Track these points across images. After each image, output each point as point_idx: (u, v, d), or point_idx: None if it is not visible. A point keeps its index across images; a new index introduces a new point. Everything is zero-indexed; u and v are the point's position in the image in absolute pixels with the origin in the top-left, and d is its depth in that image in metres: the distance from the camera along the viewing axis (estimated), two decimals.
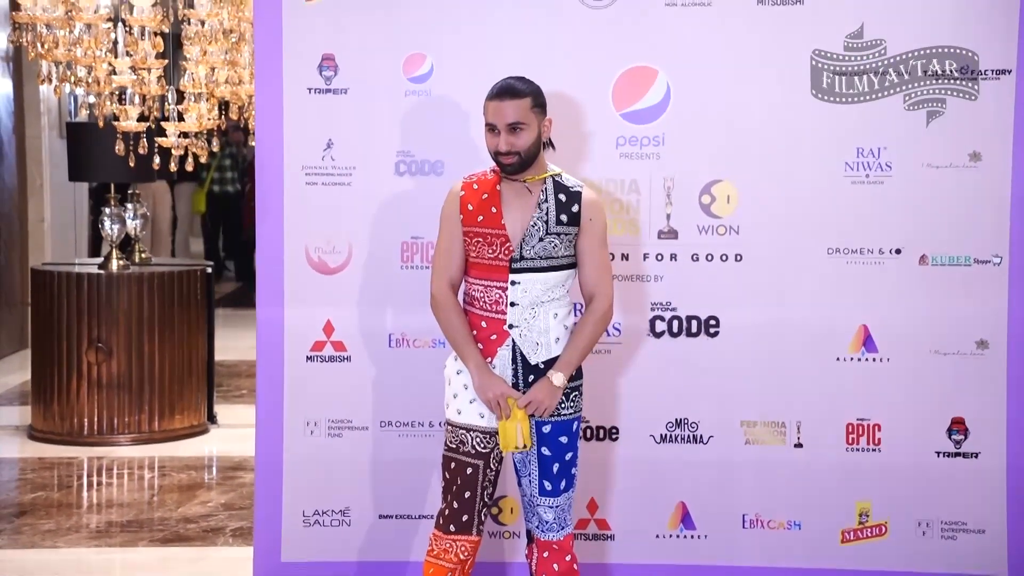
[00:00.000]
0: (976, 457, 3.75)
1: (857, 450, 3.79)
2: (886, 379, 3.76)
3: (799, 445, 3.79)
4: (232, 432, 5.72)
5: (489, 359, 3.00)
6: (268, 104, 3.74)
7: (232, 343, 7.41)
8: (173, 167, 5.56)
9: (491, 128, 2.97)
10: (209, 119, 5.44)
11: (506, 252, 2.98)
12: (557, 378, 3.01)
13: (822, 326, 3.77)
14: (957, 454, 3.76)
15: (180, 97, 5.43)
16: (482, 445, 3.00)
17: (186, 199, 10.40)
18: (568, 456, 3.07)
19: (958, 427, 3.75)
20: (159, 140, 5.50)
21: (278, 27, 3.70)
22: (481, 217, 3.01)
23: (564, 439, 3.05)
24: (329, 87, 3.74)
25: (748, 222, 3.77)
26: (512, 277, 2.98)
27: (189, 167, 5.63)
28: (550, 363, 3.03)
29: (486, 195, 3.03)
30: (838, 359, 3.78)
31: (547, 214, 3.00)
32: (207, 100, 5.44)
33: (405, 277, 3.79)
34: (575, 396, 3.07)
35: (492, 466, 3.04)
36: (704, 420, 3.82)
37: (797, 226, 3.76)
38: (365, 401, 3.79)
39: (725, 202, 3.77)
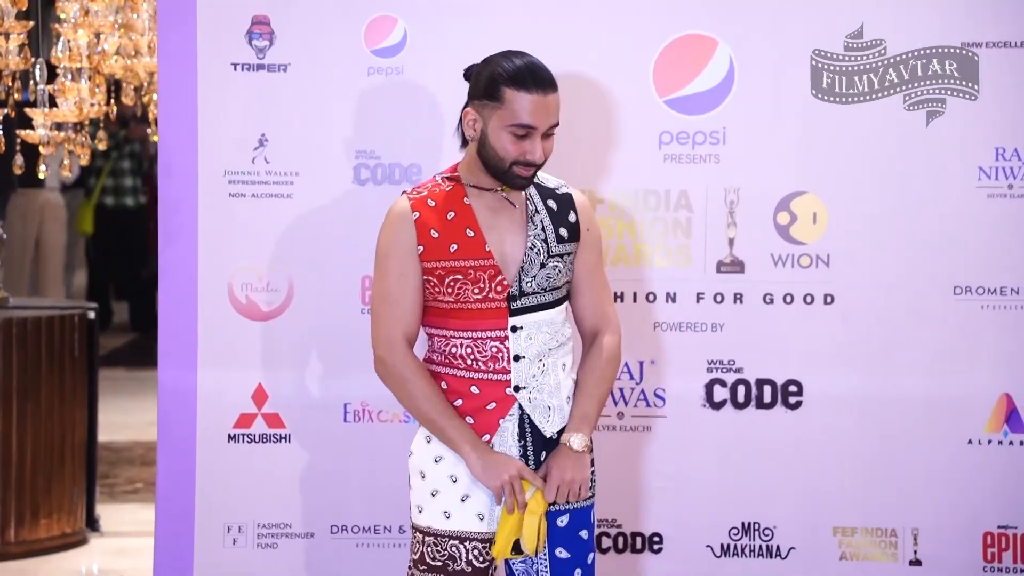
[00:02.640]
0: None
1: (1000, 570, 3.86)
2: None
3: (916, 562, 3.87)
4: (120, 543, 5.75)
5: (486, 437, 3.05)
6: (175, 85, 3.84)
7: (122, 418, 7.45)
8: (43, 172, 5.66)
9: (523, 132, 2.98)
10: (93, 105, 5.55)
11: (499, 289, 3.04)
12: (578, 440, 3.03)
13: (948, 396, 3.86)
14: None
15: (52, 74, 5.54)
16: (480, 559, 3.04)
17: (67, 214, 10.46)
18: (591, 558, 3.10)
19: None
20: (22, 134, 5.60)
21: None
22: (455, 246, 3.04)
23: (584, 534, 3.09)
24: (262, 62, 3.86)
25: (842, 250, 3.87)
26: (513, 321, 3.05)
27: (67, 171, 5.71)
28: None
29: (452, 213, 3.06)
30: (971, 442, 3.87)
31: (544, 230, 3.07)
32: (91, 79, 5.55)
33: (367, 325, 3.83)
34: (592, 473, 3.10)
35: None
36: (783, 526, 3.90)
37: (911, 256, 3.86)
38: (310, 498, 3.87)
39: (810, 222, 3.87)
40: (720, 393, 3.89)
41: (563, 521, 3.06)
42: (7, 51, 5.37)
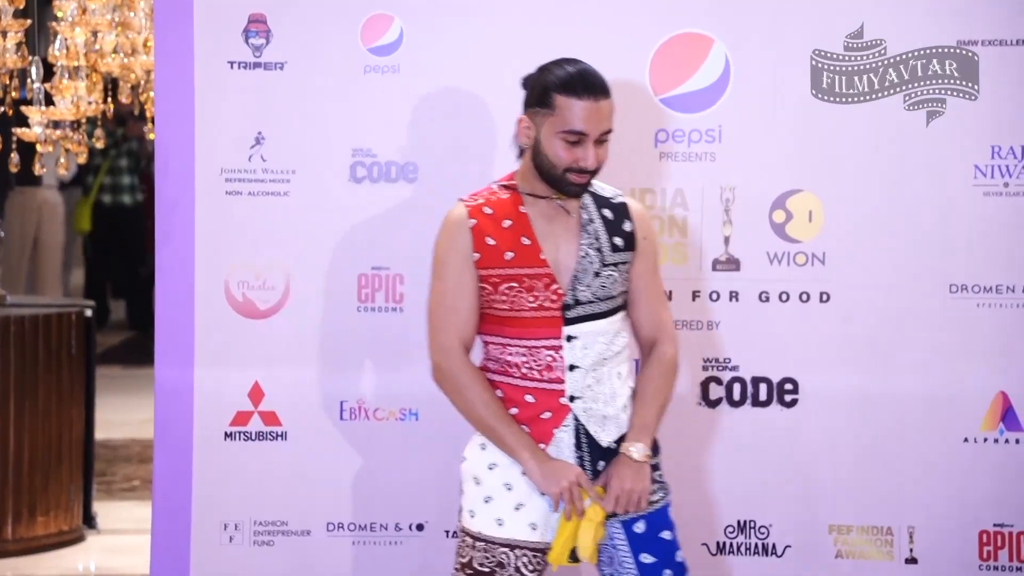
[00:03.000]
0: None
1: (995, 568, 3.87)
2: None
3: (912, 560, 3.87)
4: (117, 541, 5.76)
5: (541, 446, 3.03)
6: (172, 83, 3.83)
7: (120, 415, 7.46)
8: (39, 169, 5.65)
9: (574, 138, 2.99)
10: (90, 103, 5.54)
11: (553, 298, 3.03)
12: (638, 450, 3.02)
13: (944, 394, 3.86)
14: None
15: (49, 72, 5.53)
16: (529, 567, 3.04)
17: (65, 212, 10.50)
18: (679, 557, 3.08)
19: None
20: (19, 132, 5.59)
21: None
22: (510, 254, 3.04)
23: (667, 535, 3.07)
24: (259, 60, 3.85)
25: (838, 248, 3.86)
26: (567, 331, 3.04)
27: (62, 169, 5.72)
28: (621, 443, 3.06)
29: (508, 221, 3.06)
30: (967, 440, 3.87)
31: (598, 239, 3.07)
32: (88, 77, 5.55)
33: (363, 323, 3.87)
34: (660, 475, 3.10)
35: None
36: (779, 524, 3.89)
37: (907, 254, 3.85)
38: (307, 495, 3.86)
39: (806, 220, 3.86)
40: (716, 391, 3.88)
41: (640, 527, 3.05)
42: (4, 49, 5.37)
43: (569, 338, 3.03)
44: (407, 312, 3.85)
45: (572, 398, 3.04)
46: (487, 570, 3.03)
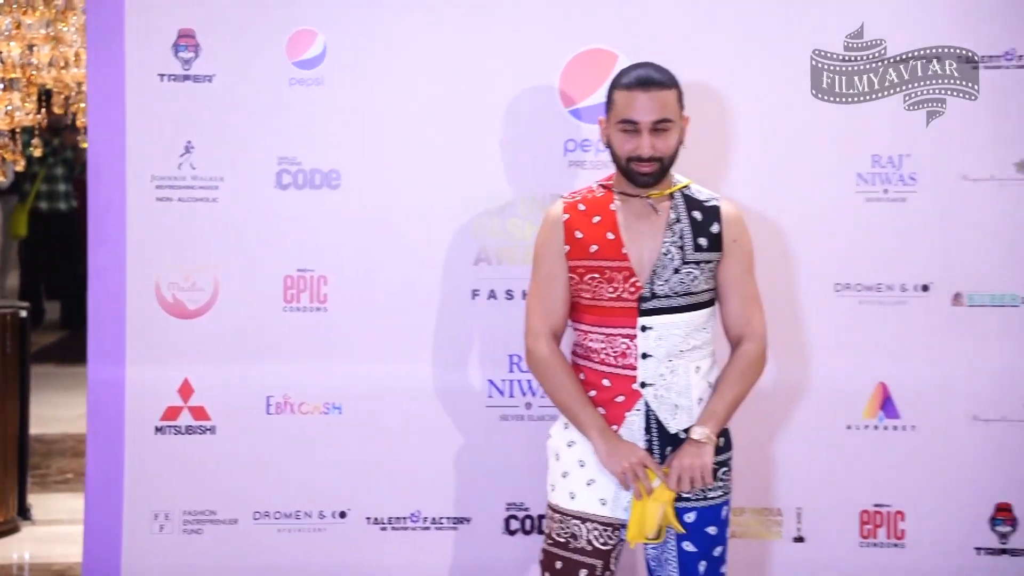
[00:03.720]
0: None
1: (874, 545, 3.97)
2: (911, 453, 3.95)
3: (800, 539, 3.97)
4: (51, 531, 5.74)
5: (614, 427, 3.12)
6: (104, 94, 3.86)
7: (53, 411, 7.41)
8: None
9: (627, 127, 3.09)
10: (24, 114, 5.54)
11: (631, 290, 3.11)
12: (700, 432, 3.08)
13: (827, 385, 3.95)
14: (1003, 551, 3.96)
15: None
16: (601, 540, 3.13)
17: (2, 217, 10.39)
18: (718, 551, 3.16)
19: (1004, 516, 3.96)
20: None
21: None
22: (595, 247, 3.14)
23: (712, 530, 3.14)
24: (188, 73, 3.88)
25: None
26: (642, 321, 3.11)
27: (1, 176, 5.70)
28: None
29: (598, 217, 3.16)
30: (849, 427, 3.97)
31: (681, 237, 3.14)
32: (22, 88, 5.54)
33: (289, 322, 3.91)
34: (724, 473, 3.17)
35: (612, 568, 3.14)
36: None
37: (795, 255, 3.95)
38: (234, 486, 3.90)
39: None
40: None
41: (690, 517, 3.14)
42: None
43: (644, 328, 3.11)
44: (331, 311, 3.89)
45: (644, 384, 3.12)
46: (562, 540, 3.14)
